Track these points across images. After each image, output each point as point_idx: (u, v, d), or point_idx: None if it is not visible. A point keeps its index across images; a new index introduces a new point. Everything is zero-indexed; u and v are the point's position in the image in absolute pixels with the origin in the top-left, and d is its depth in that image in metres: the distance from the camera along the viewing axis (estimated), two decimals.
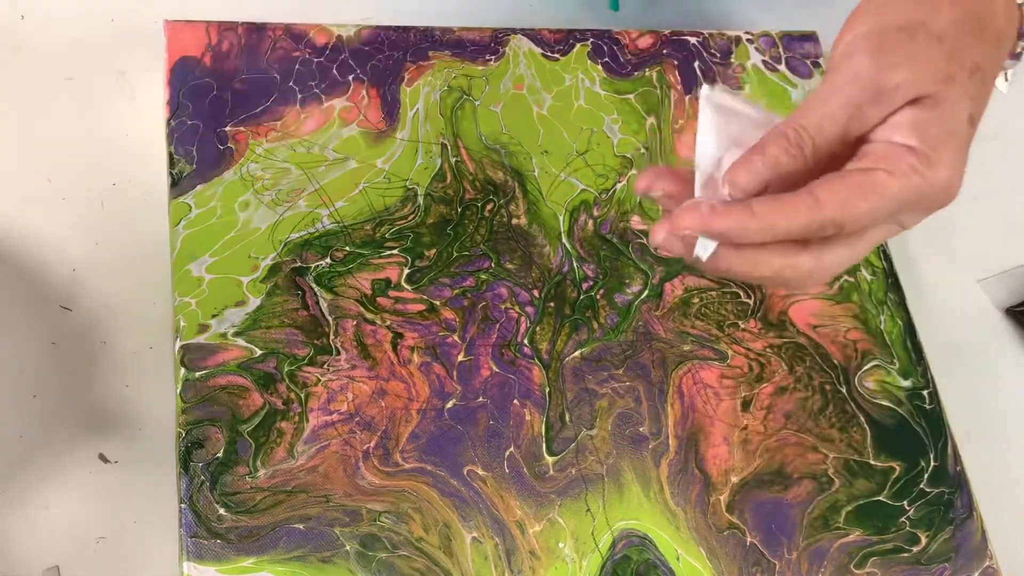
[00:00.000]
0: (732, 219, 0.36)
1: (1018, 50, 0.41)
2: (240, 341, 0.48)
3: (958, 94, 0.37)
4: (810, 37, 0.65)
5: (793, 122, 0.37)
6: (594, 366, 0.52)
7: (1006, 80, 0.41)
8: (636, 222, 0.56)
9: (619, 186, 0.57)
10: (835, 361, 0.55)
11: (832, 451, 0.53)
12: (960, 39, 0.37)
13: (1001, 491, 0.57)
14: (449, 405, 0.49)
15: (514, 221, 0.55)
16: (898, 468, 0.53)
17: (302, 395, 0.48)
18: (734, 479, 0.51)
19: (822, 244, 0.37)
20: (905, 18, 0.37)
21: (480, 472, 0.48)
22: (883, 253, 0.59)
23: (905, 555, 0.51)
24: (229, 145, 0.53)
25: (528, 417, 0.50)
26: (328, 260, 0.51)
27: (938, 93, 0.37)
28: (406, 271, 0.52)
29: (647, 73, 0.61)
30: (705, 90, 0.39)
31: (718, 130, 0.39)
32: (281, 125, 0.54)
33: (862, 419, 0.54)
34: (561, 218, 0.55)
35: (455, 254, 0.53)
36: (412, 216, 0.53)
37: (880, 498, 0.52)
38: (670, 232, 0.37)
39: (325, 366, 0.49)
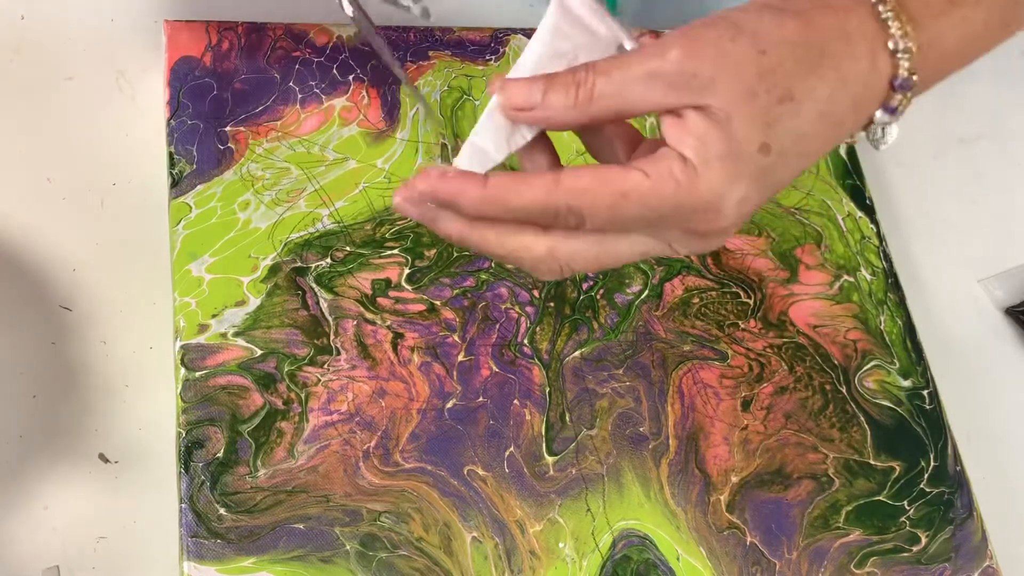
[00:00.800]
0: (460, 187, 0.34)
1: (893, 104, 0.36)
2: (240, 341, 0.48)
3: (753, 115, 0.34)
4: None
5: (592, 68, 0.34)
6: (594, 366, 0.52)
7: (880, 137, 0.38)
8: None
9: None
10: (835, 361, 0.55)
11: (832, 451, 0.53)
12: (784, 62, 0.34)
13: (1001, 491, 0.57)
14: (449, 405, 0.49)
15: None
16: (898, 468, 0.53)
17: (302, 395, 0.48)
18: (734, 479, 0.51)
19: (563, 233, 0.35)
20: (741, 21, 0.35)
21: (480, 472, 0.48)
22: (883, 253, 0.59)
23: (905, 555, 0.51)
24: (229, 145, 0.53)
25: (528, 417, 0.50)
26: (328, 260, 0.51)
27: (731, 109, 0.34)
28: (406, 271, 0.52)
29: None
30: None
31: (550, 42, 0.37)
32: (281, 125, 0.54)
33: (862, 419, 0.54)
34: None
35: (455, 254, 0.53)
36: None
37: (880, 498, 0.52)
38: (405, 198, 0.35)
39: (325, 366, 0.49)
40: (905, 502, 0.52)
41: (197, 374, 0.47)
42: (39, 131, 0.54)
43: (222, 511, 0.45)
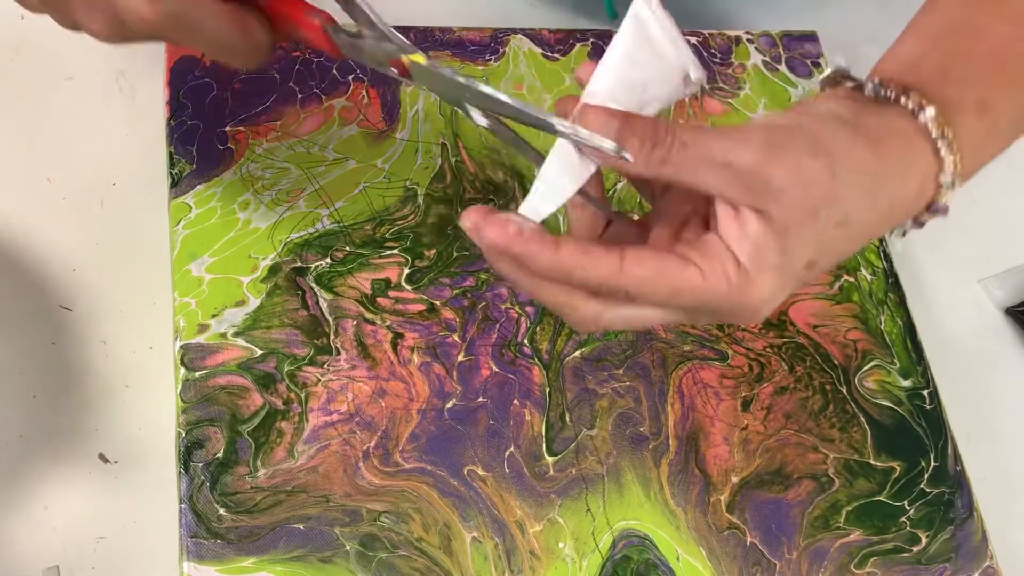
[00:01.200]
0: (533, 250, 0.34)
1: (923, 219, 0.39)
2: (240, 341, 0.48)
3: (810, 235, 0.35)
4: (810, 37, 0.65)
5: (674, 133, 0.34)
6: (594, 366, 0.52)
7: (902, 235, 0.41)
8: None
9: (619, 186, 0.57)
10: (835, 361, 0.55)
11: (832, 451, 0.53)
12: (850, 188, 0.35)
13: (1001, 491, 0.57)
14: (449, 405, 0.49)
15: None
16: (898, 468, 0.53)
17: (302, 395, 0.48)
18: (734, 479, 0.51)
19: (610, 300, 0.36)
20: (821, 137, 0.36)
21: (480, 472, 0.48)
22: (883, 253, 0.59)
23: (905, 555, 0.51)
24: (229, 145, 0.53)
25: (528, 417, 0.50)
26: (328, 260, 0.51)
27: (791, 223, 0.35)
28: (406, 271, 0.52)
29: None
30: (640, 5, 0.36)
31: (624, 69, 0.36)
32: (281, 125, 0.54)
33: (862, 419, 0.54)
34: (561, 218, 0.55)
35: (455, 254, 0.53)
36: (412, 216, 0.53)
37: (880, 498, 0.52)
38: (473, 231, 0.35)
39: (325, 366, 0.49)
40: (905, 502, 0.52)
41: (197, 374, 0.47)
42: (39, 131, 0.54)
43: (222, 511, 0.45)
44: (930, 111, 0.37)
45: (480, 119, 0.39)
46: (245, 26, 0.39)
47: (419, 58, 0.39)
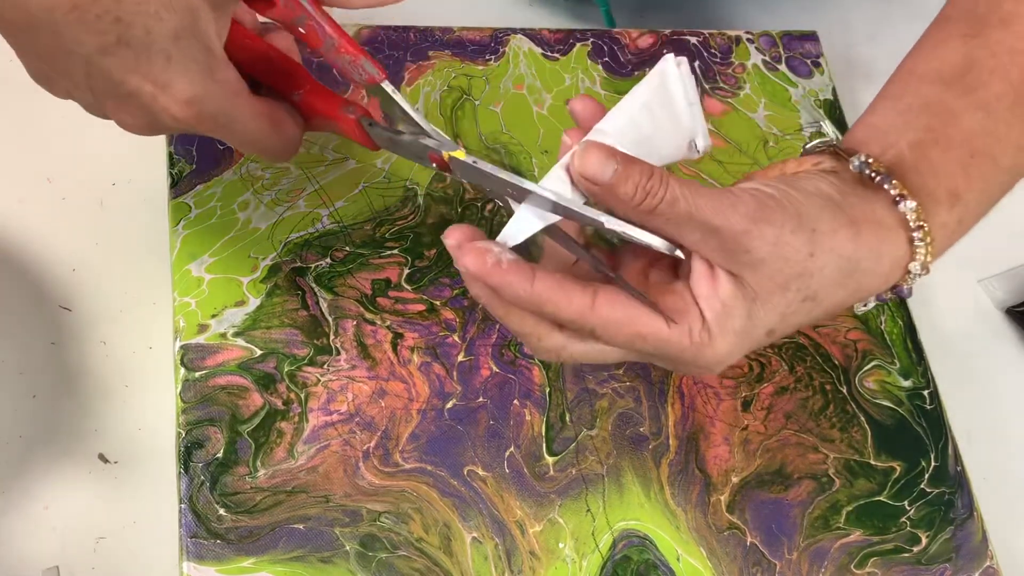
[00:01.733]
0: (509, 282, 0.35)
1: (885, 297, 0.41)
2: (240, 341, 0.48)
3: (778, 305, 0.37)
4: (810, 37, 0.65)
5: (667, 186, 0.35)
6: (594, 366, 0.52)
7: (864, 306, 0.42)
8: None
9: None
10: (835, 361, 0.55)
11: (832, 451, 0.53)
12: (825, 269, 0.37)
13: (1001, 491, 0.57)
14: (449, 405, 0.49)
15: None
16: (898, 468, 0.53)
17: (302, 395, 0.48)
18: (734, 479, 0.51)
19: (575, 335, 0.37)
20: (807, 214, 0.37)
21: (480, 472, 0.48)
22: None
23: (906, 555, 0.51)
24: (229, 145, 0.53)
25: (528, 417, 0.50)
26: (328, 260, 0.51)
27: (762, 291, 0.36)
28: (406, 271, 0.52)
29: (647, 73, 0.61)
30: (670, 62, 0.38)
31: (637, 117, 0.37)
32: None
33: (862, 419, 0.54)
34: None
35: None
36: (412, 216, 0.53)
37: (880, 498, 0.52)
38: (455, 249, 0.36)
39: (325, 366, 0.49)
40: (905, 502, 0.52)
41: (197, 374, 0.47)
42: (39, 131, 0.54)
43: (222, 511, 0.45)
44: (911, 204, 0.38)
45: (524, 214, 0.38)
46: (277, 122, 0.40)
47: (459, 154, 0.39)
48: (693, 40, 0.63)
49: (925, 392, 0.55)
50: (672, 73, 0.38)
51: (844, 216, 0.37)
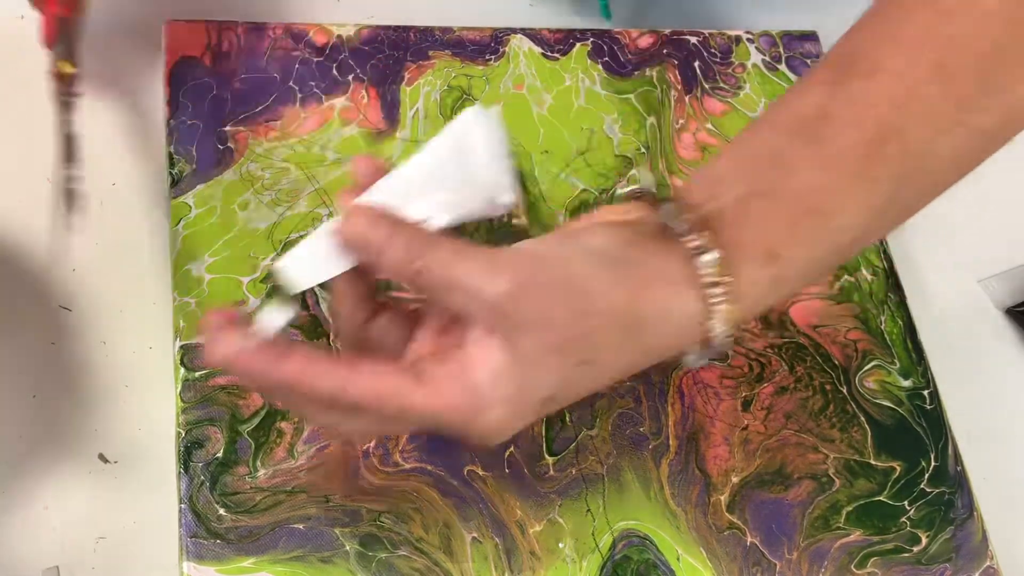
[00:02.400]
0: (257, 368, 0.35)
1: (693, 354, 0.38)
2: None
3: (552, 371, 0.35)
4: (810, 37, 0.65)
5: (428, 254, 0.35)
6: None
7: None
8: None
9: (619, 186, 0.57)
10: (835, 361, 0.55)
11: (832, 451, 0.53)
12: (600, 330, 0.35)
13: (1001, 491, 0.57)
14: None
15: (514, 221, 0.55)
16: (898, 468, 0.53)
17: None
18: (734, 479, 0.51)
19: (346, 412, 0.36)
20: (579, 275, 0.35)
21: (480, 472, 0.48)
22: (883, 253, 0.59)
23: (906, 555, 0.51)
24: (229, 145, 0.53)
25: None
26: None
27: (535, 356, 0.34)
28: None
29: (647, 73, 0.61)
30: (469, 113, 0.37)
31: (429, 167, 0.37)
32: (281, 125, 0.54)
33: (862, 419, 0.54)
34: (561, 218, 0.55)
35: None
36: None
37: (880, 498, 0.52)
38: (207, 343, 0.36)
39: None
40: (905, 502, 0.52)
41: (197, 374, 0.47)
42: (39, 131, 0.54)
43: (222, 511, 0.45)
44: (710, 256, 0.36)
45: None
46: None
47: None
48: (693, 40, 0.63)
49: (925, 392, 0.55)
50: (471, 125, 0.37)
51: (622, 277, 0.35)
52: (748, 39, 0.64)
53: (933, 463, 0.54)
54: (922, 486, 0.53)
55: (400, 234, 0.35)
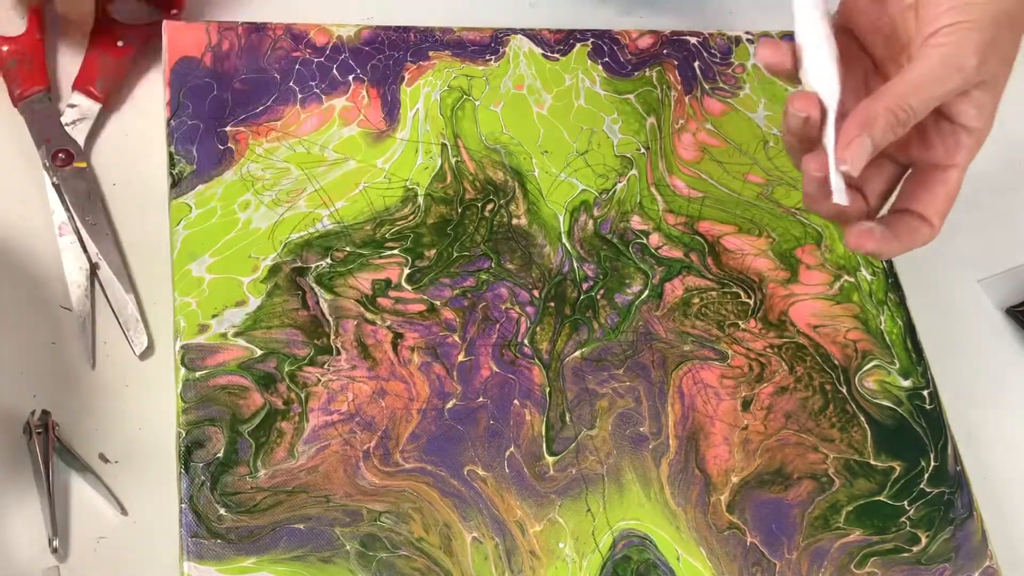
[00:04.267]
0: (889, 244, 0.44)
1: None
2: (240, 341, 0.48)
3: (1007, 74, 0.42)
4: None
5: (900, 100, 0.40)
6: (594, 366, 0.52)
7: None
8: (636, 222, 0.56)
9: (619, 186, 0.57)
10: (835, 361, 0.55)
11: (832, 451, 0.53)
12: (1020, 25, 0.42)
13: (1001, 491, 0.57)
14: (449, 405, 0.49)
15: (514, 221, 0.55)
16: (898, 468, 0.53)
17: (302, 395, 0.48)
18: (734, 479, 0.51)
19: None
20: (996, 8, 0.40)
21: (480, 472, 0.48)
22: None
23: (905, 555, 0.51)
24: (229, 145, 0.53)
25: (528, 417, 0.50)
26: (328, 260, 0.51)
27: (1000, 76, 0.42)
28: (406, 271, 0.52)
29: (647, 73, 0.61)
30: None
31: (831, 52, 0.42)
32: (281, 125, 0.54)
33: (862, 419, 0.54)
34: (561, 218, 0.55)
35: (455, 254, 0.53)
36: (412, 216, 0.53)
37: (880, 498, 0.52)
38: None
39: (325, 366, 0.49)
40: (905, 502, 0.52)
41: (197, 374, 0.47)
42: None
43: (222, 511, 0.45)
44: None
45: None
46: None
47: None
48: (693, 40, 0.63)
49: (925, 392, 0.55)
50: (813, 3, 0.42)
51: None
52: (748, 39, 0.64)
53: (933, 463, 0.54)
54: (922, 486, 0.53)
55: (877, 128, 0.40)
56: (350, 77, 0.56)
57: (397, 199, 0.54)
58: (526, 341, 0.52)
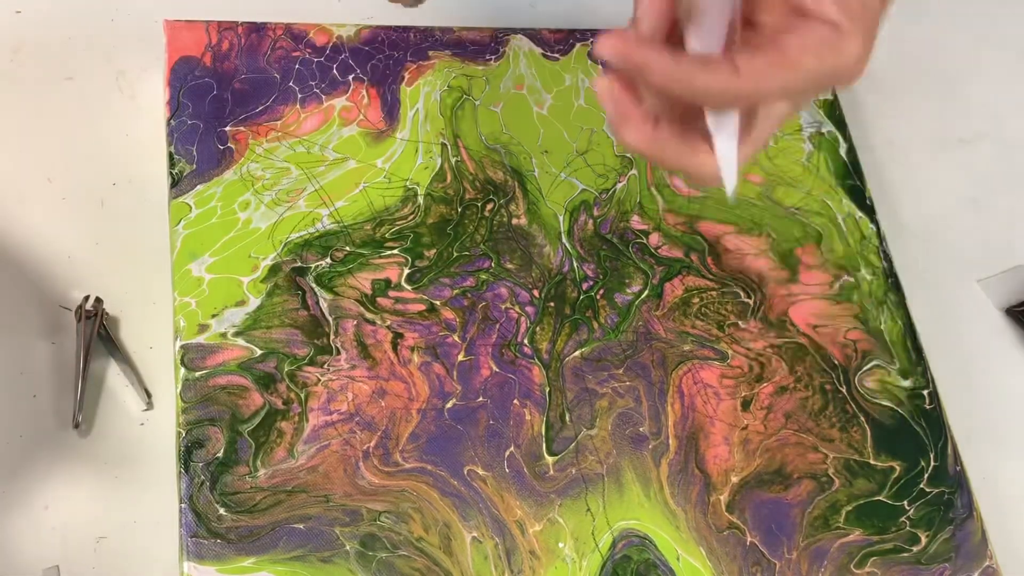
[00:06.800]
0: (654, 58, 0.35)
1: None
2: (240, 341, 0.48)
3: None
4: None
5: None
6: (594, 366, 0.52)
7: None
8: (636, 222, 0.56)
9: (619, 186, 0.57)
10: (835, 361, 0.55)
11: (832, 451, 0.53)
12: None
13: (1001, 491, 0.57)
14: (449, 405, 0.49)
15: (514, 221, 0.55)
16: (898, 468, 0.53)
17: (302, 395, 0.48)
18: (734, 479, 0.51)
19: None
20: None
21: (480, 472, 0.48)
22: (883, 253, 0.59)
23: (905, 555, 0.51)
24: (229, 145, 0.53)
25: (528, 417, 0.50)
26: (328, 260, 0.51)
27: None
28: (406, 271, 0.52)
29: None
30: None
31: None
32: (281, 125, 0.54)
33: (862, 419, 0.54)
34: (561, 218, 0.55)
35: (455, 254, 0.53)
36: (412, 216, 0.53)
37: (880, 498, 0.52)
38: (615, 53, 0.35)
39: (325, 366, 0.49)
40: (905, 502, 0.52)
41: (197, 374, 0.47)
42: (39, 131, 0.54)
43: (222, 511, 0.45)
44: None
45: None
46: None
47: None
48: None
49: (925, 392, 0.55)
50: None
51: None
52: None
53: (932, 463, 0.54)
54: (921, 486, 0.53)
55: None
56: (350, 77, 0.56)
57: (397, 199, 0.54)
58: (526, 341, 0.52)
